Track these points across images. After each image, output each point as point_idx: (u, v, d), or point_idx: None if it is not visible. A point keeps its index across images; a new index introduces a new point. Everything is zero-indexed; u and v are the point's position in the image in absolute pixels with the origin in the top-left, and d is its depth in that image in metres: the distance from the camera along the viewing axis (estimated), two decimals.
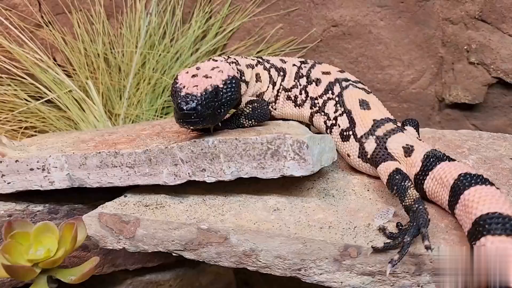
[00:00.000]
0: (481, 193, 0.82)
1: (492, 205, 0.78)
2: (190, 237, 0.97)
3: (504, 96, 1.74)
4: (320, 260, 0.91)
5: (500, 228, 0.74)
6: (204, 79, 1.01)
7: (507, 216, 0.76)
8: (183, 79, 1.02)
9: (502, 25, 1.67)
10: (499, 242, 0.72)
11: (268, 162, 0.98)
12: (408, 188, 0.93)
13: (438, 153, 0.99)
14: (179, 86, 1.00)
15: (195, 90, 0.98)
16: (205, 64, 1.10)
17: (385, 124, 1.09)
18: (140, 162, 1.04)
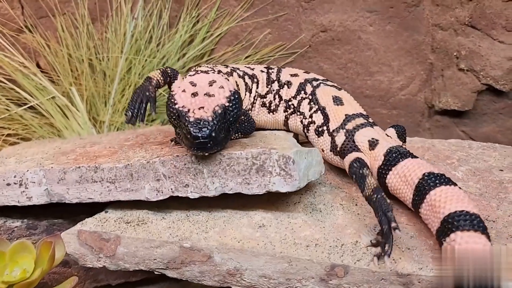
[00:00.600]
0: (447, 193, 0.86)
1: (459, 204, 0.83)
2: (173, 255, 0.94)
3: (493, 103, 1.72)
4: (306, 280, 0.88)
5: (468, 224, 0.79)
6: (208, 98, 0.95)
7: (473, 213, 0.81)
8: (182, 100, 0.95)
9: (492, 31, 1.65)
10: (468, 237, 0.78)
11: (253, 178, 0.95)
12: (366, 177, 0.96)
13: (402, 149, 1.00)
14: (183, 110, 0.93)
15: (205, 114, 0.91)
16: (198, 78, 1.02)
17: (356, 119, 1.11)
18: (121, 177, 1.01)
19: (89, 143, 1.29)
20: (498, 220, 0.98)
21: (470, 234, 0.78)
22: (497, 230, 0.94)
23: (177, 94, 0.98)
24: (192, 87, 0.99)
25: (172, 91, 1.01)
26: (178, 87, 1.01)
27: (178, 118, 0.94)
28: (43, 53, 1.85)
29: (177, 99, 0.97)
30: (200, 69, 1.13)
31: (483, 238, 0.78)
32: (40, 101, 1.74)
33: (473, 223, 0.80)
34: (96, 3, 1.88)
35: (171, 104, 0.97)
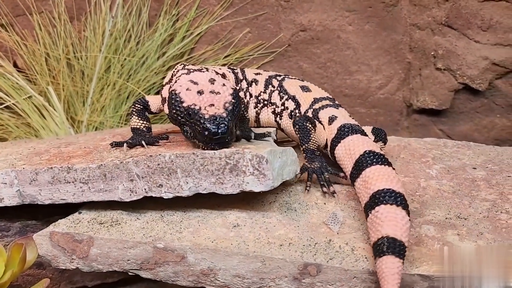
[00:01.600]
0: (380, 172, 0.93)
1: (388, 183, 0.90)
2: (146, 256, 0.94)
3: (470, 102, 1.75)
4: (279, 279, 0.89)
5: (392, 200, 0.87)
6: (215, 96, 0.97)
7: (398, 192, 0.89)
8: (190, 98, 0.97)
9: (468, 31, 1.68)
10: (390, 209, 0.86)
11: (227, 178, 0.95)
12: (311, 131, 1.10)
13: (355, 126, 1.09)
14: (194, 108, 0.95)
15: (218, 111, 0.95)
16: (197, 76, 1.03)
17: (323, 101, 1.22)
18: (94, 178, 1.00)
19: (65, 143, 1.28)
20: (470, 217, 0.99)
21: (392, 207, 0.86)
22: (468, 228, 0.96)
23: (182, 92, 0.99)
24: (195, 85, 1.00)
25: (175, 90, 1.01)
26: (180, 86, 1.01)
27: (189, 116, 0.96)
28: (19, 52, 1.82)
29: (183, 98, 0.98)
30: (190, 67, 1.13)
31: (403, 212, 0.86)
32: (17, 100, 1.72)
33: (397, 200, 0.87)
34: (74, 1, 1.86)
35: (177, 103, 0.98)
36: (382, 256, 0.81)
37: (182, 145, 1.05)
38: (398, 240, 0.82)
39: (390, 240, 0.82)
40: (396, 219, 0.85)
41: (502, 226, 0.96)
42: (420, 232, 0.94)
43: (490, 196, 1.06)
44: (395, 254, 0.81)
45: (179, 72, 1.11)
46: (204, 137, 0.94)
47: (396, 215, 0.85)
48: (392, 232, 0.83)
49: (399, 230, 0.83)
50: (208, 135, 0.93)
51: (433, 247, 0.90)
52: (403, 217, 0.85)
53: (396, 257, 0.80)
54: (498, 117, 1.75)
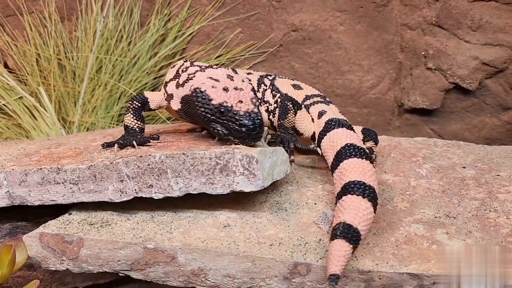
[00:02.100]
0: (356, 165, 0.96)
1: (360, 176, 0.93)
2: (137, 256, 0.94)
3: (460, 101, 1.76)
4: (269, 279, 0.89)
5: (359, 191, 0.90)
6: (239, 92, 0.98)
7: (369, 185, 0.91)
8: (218, 95, 0.97)
9: (458, 31, 1.69)
10: (355, 199, 0.89)
11: (217, 178, 0.95)
12: (289, 111, 1.15)
13: (343, 121, 1.11)
14: (227, 105, 0.96)
15: (249, 106, 0.96)
16: (214, 73, 1.03)
17: (314, 98, 1.25)
18: (84, 178, 1.00)
19: (55, 144, 1.27)
20: (459, 216, 1.00)
21: (357, 198, 0.89)
22: (457, 226, 0.97)
23: (208, 90, 0.98)
24: (217, 82, 0.99)
25: (199, 88, 0.99)
26: (202, 83, 1.00)
27: (221, 113, 0.96)
28: (10, 52, 1.81)
29: (211, 95, 0.97)
30: (198, 64, 1.12)
31: (368, 204, 0.88)
32: (7, 101, 1.71)
33: (364, 192, 0.90)
34: (64, 1, 1.85)
35: (205, 101, 0.98)
36: (334, 239, 0.83)
37: (172, 146, 1.05)
38: (353, 228, 0.84)
39: (346, 226, 0.85)
40: (358, 208, 0.87)
41: (491, 224, 0.97)
42: (409, 231, 0.95)
43: (479, 195, 1.07)
44: (346, 239, 0.83)
45: (189, 68, 1.09)
46: (241, 133, 0.95)
47: (359, 205, 0.88)
48: (349, 219, 0.86)
49: (357, 219, 0.85)
50: (247, 131, 0.94)
51: (422, 246, 0.90)
52: (366, 208, 0.88)
53: (346, 241, 0.82)
54: (488, 117, 1.76)
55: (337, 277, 0.79)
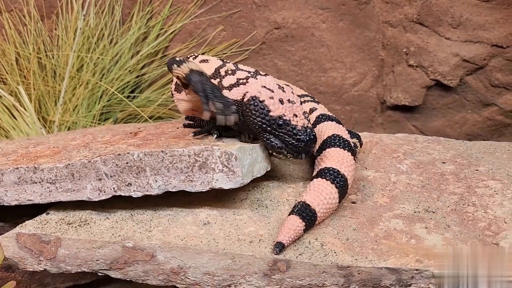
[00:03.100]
0: (336, 153, 1.01)
1: (337, 165, 0.98)
2: (115, 255, 0.93)
3: (442, 98, 1.77)
4: (249, 276, 0.89)
5: (329, 176, 0.96)
6: (292, 105, 0.98)
7: (342, 174, 0.97)
8: (276, 108, 0.96)
9: (439, 28, 1.70)
10: (322, 182, 0.95)
11: (196, 175, 0.94)
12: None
13: (332, 116, 1.15)
14: (285, 119, 0.95)
15: (304, 121, 0.97)
16: (266, 82, 1.00)
17: (304, 97, 1.27)
18: (62, 177, 0.98)
19: (34, 143, 1.25)
20: (438, 211, 1.01)
21: (326, 182, 0.95)
22: (436, 221, 0.97)
23: (267, 101, 0.97)
24: (272, 93, 0.98)
25: (257, 98, 0.97)
26: (259, 92, 0.98)
27: (278, 126, 0.96)
28: None
29: (270, 107, 0.96)
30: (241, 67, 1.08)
31: (334, 189, 0.94)
32: None
33: (335, 179, 0.96)
34: None
35: (265, 112, 0.96)
36: (290, 215, 0.90)
37: (151, 143, 1.04)
38: (311, 208, 0.91)
39: (303, 204, 0.91)
40: (322, 192, 0.93)
41: (469, 218, 0.98)
42: (389, 226, 0.96)
43: (458, 190, 1.08)
44: (301, 216, 0.89)
45: (237, 72, 1.04)
46: (297, 148, 0.96)
47: (324, 189, 0.93)
48: (309, 200, 0.92)
49: (317, 201, 0.91)
50: (304, 146, 0.96)
51: (401, 240, 0.91)
52: (330, 193, 0.93)
53: (300, 218, 0.89)
54: (469, 113, 1.78)
55: (282, 245, 0.87)
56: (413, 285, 0.85)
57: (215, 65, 1.09)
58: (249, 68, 1.08)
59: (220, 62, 1.11)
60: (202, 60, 1.13)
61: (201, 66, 1.09)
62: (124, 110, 1.85)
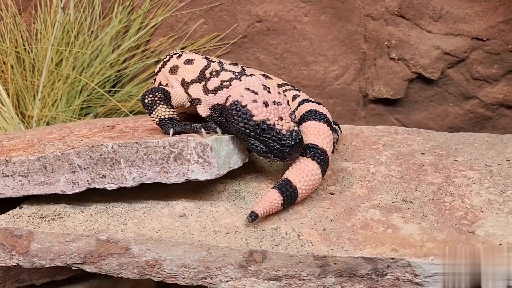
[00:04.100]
0: (313, 127, 1.03)
1: (315, 139, 1.00)
2: (89, 249, 0.91)
3: (424, 91, 1.78)
4: (225, 267, 0.88)
5: (311, 154, 0.98)
6: (278, 107, 0.96)
7: (321, 148, 0.99)
8: (260, 111, 0.94)
9: (420, 21, 1.70)
10: (304, 161, 0.98)
11: (171, 167, 0.93)
12: None
13: (315, 100, 1.16)
14: (269, 123, 0.93)
15: (290, 124, 0.95)
16: (249, 83, 0.98)
17: (285, 86, 1.26)
18: (34, 170, 0.96)
19: (9, 137, 1.23)
20: (415, 200, 1.01)
21: (307, 160, 0.97)
22: (413, 210, 0.97)
23: (250, 105, 0.94)
24: (256, 95, 0.96)
25: (239, 102, 0.95)
26: (241, 96, 0.95)
27: (262, 131, 0.94)
28: None
29: (253, 111, 0.94)
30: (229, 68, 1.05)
31: (316, 165, 0.97)
32: None
33: (315, 154, 0.98)
34: None
35: (247, 117, 0.94)
36: (271, 189, 0.94)
37: (127, 136, 1.03)
38: (291, 184, 0.94)
39: (286, 181, 0.95)
40: (304, 170, 0.95)
41: (446, 208, 0.98)
42: (366, 216, 0.95)
43: (436, 180, 1.08)
44: (280, 191, 0.93)
45: (221, 73, 1.02)
46: (283, 153, 0.94)
47: (306, 167, 0.96)
48: (291, 177, 0.95)
49: (299, 179, 0.94)
50: (290, 151, 0.94)
51: (378, 230, 0.91)
52: (312, 170, 0.96)
53: (279, 192, 0.93)
54: (451, 106, 1.79)
55: (256, 215, 0.90)
56: (389, 274, 0.85)
57: (200, 66, 1.06)
58: (234, 68, 1.05)
59: (205, 62, 1.07)
60: (187, 61, 1.09)
61: (186, 68, 1.07)
62: (105, 105, 1.83)
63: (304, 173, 0.95)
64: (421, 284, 0.84)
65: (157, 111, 1.00)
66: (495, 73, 1.71)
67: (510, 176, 1.07)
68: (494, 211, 0.95)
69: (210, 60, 1.08)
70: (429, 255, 0.83)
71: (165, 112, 1.01)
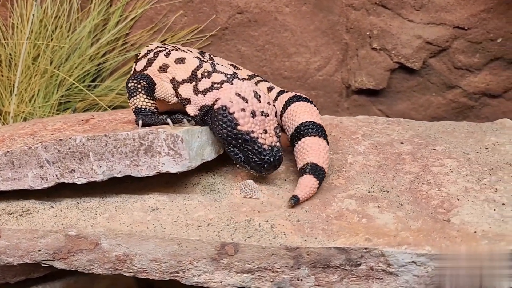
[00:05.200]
0: (302, 107, 1.07)
1: (308, 116, 1.04)
2: (58, 245, 0.89)
3: (406, 81, 1.77)
4: (197, 261, 0.86)
5: (314, 131, 1.02)
6: (265, 119, 0.94)
7: (320, 124, 1.04)
8: (246, 122, 0.92)
9: (402, 10, 1.69)
10: (313, 139, 1.01)
11: (142, 159, 0.91)
12: None
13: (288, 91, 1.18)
14: (252, 136, 0.92)
15: (273, 139, 0.95)
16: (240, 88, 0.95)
17: (256, 77, 1.25)
18: (1, 166, 0.94)
19: None
20: (392, 190, 0.99)
21: (316, 139, 1.01)
22: (389, 200, 0.96)
23: (237, 113, 0.92)
24: (246, 103, 0.93)
25: (227, 108, 0.92)
26: (230, 101, 0.93)
27: (244, 141, 0.93)
28: None
29: (240, 120, 0.92)
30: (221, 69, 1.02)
31: (324, 141, 1.01)
32: None
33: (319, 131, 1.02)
34: None
35: (232, 125, 0.92)
36: (306, 175, 0.96)
37: (98, 128, 1.00)
38: (319, 167, 0.97)
39: (313, 165, 0.97)
40: (319, 149, 0.99)
41: (422, 197, 0.97)
42: (341, 206, 0.94)
43: (414, 169, 1.07)
44: (315, 175, 0.96)
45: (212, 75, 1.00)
46: (260, 167, 0.94)
47: (319, 145, 1.00)
48: (315, 160, 0.98)
49: (321, 159, 0.98)
50: (267, 166, 0.93)
51: (352, 220, 0.89)
52: (324, 147, 1.00)
53: (314, 177, 0.96)
54: (434, 96, 1.78)
55: (298, 199, 0.93)
56: (363, 264, 0.83)
57: (192, 66, 1.03)
58: (227, 70, 1.02)
59: (197, 62, 1.03)
60: (178, 59, 1.05)
61: (177, 67, 1.04)
62: (85, 99, 1.80)
63: (322, 152, 0.99)
64: (395, 273, 0.82)
65: (135, 99, 0.99)
66: (477, 62, 1.70)
67: (488, 164, 1.07)
68: (470, 199, 0.94)
69: (202, 60, 1.05)
70: (402, 245, 0.82)
71: (143, 102, 0.99)
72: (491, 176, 1.02)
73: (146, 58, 1.12)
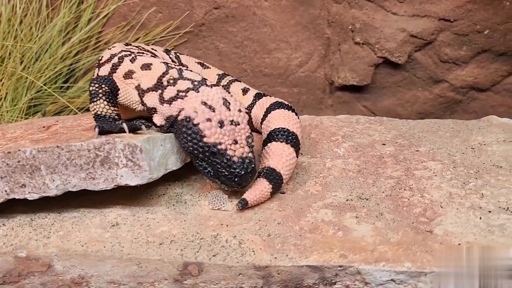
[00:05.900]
0: (281, 114, 1.05)
1: (284, 123, 1.02)
2: (7, 267, 0.82)
3: (391, 76, 1.70)
4: (159, 282, 0.79)
5: (283, 138, 0.99)
6: (235, 128, 0.87)
7: (291, 131, 1.00)
8: (212, 133, 0.85)
9: (385, 3, 1.62)
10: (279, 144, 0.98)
11: (98, 172, 0.84)
12: None
13: (267, 94, 1.19)
14: (220, 148, 0.85)
15: (244, 150, 0.88)
16: (208, 96, 0.88)
17: (226, 77, 1.23)
18: None
19: None
20: (372, 197, 0.93)
21: (282, 144, 0.98)
22: (368, 209, 0.90)
23: (202, 124, 0.85)
24: (212, 113, 0.86)
25: (191, 119, 0.85)
26: (195, 112, 0.86)
27: (212, 154, 0.85)
28: None
29: (205, 132, 0.85)
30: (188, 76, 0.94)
31: (290, 148, 0.98)
32: None
33: (288, 138, 0.99)
34: None
35: (197, 137, 0.85)
36: (259, 178, 0.92)
37: (55, 137, 0.93)
38: (276, 172, 0.93)
39: (270, 169, 0.93)
40: (282, 154, 0.96)
41: (404, 204, 0.90)
42: (317, 217, 0.87)
43: (396, 173, 1.00)
44: (268, 179, 0.92)
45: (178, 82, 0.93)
46: (231, 181, 0.87)
47: (283, 151, 0.96)
48: (274, 164, 0.94)
49: (281, 164, 0.94)
50: (239, 180, 0.86)
51: (327, 233, 0.83)
52: (288, 153, 0.97)
53: (267, 181, 0.92)
54: (420, 90, 1.71)
55: (246, 202, 0.88)
56: (338, 283, 0.77)
57: (158, 73, 0.96)
58: (194, 76, 0.95)
59: (163, 67, 0.96)
60: (144, 65, 0.98)
61: (143, 74, 0.97)
62: (56, 102, 1.71)
63: (284, 158, 0.95)
64: None
65: (96, 104, 0.93)
66: (464, 55, 1.64)
67: (474, 166, 1.00)
68: (454, 206, 0.88)
69: (169, 66, 0.97)
70: (380, 261, 0.75)
71: (104, 109, 0.92)
72: (477, 179, 0.95)
73: (110, 64, 1.04)
